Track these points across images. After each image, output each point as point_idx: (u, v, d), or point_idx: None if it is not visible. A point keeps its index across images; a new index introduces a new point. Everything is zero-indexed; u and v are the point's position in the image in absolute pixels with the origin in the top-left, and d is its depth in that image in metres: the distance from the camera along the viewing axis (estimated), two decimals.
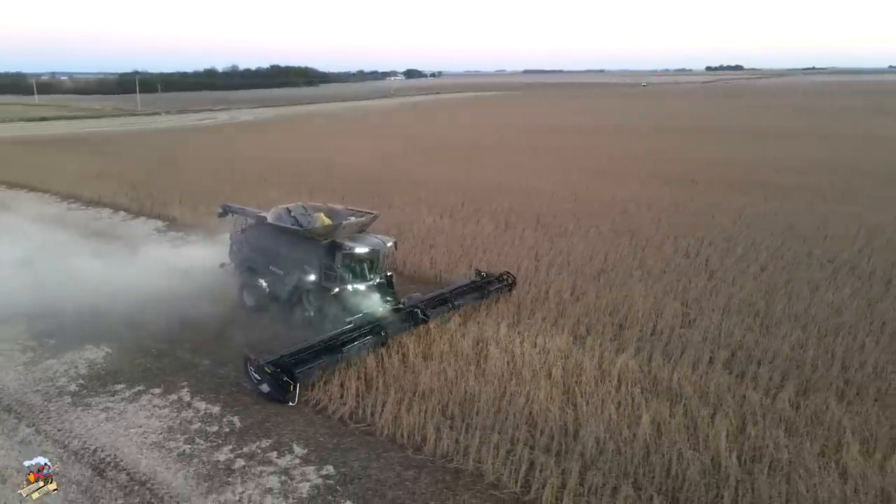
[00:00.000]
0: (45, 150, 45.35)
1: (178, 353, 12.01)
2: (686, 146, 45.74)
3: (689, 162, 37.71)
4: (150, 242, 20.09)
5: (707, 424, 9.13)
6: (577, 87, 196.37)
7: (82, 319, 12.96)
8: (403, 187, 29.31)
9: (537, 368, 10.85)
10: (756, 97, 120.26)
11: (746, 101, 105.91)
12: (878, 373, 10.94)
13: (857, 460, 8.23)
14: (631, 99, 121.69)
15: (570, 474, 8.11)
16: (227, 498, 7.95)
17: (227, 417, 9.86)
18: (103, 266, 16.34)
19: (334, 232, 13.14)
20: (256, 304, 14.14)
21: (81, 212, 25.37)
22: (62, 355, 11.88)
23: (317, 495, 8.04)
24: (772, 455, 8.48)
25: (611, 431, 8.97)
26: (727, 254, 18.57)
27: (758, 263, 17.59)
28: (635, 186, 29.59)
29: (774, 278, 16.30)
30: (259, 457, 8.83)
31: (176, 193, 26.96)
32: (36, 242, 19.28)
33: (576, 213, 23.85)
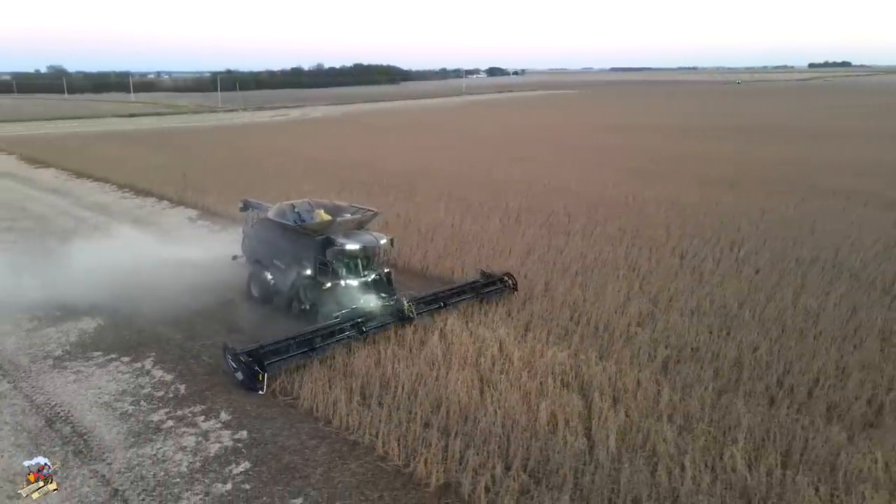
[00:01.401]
0: (121, 143, 49.14)
1: (159, 328, 13.20)
2: (744, 147, 44.10)
3: (739, 163, 36.46)
4: (175, 230, 21.74)
5: (605, 417, 9.34)
6: (662, 85, 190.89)
7: (86, 296, 14.40)
8: (432, 183, 30.06)
9: (467, 357, 11.31)
10: (855, 96, 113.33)
11: (841, 100, 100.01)
12: (815, 382, 10.70)
13: (736, 460, 8.25)
14: (715, 97, 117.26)
15: (450, 452, 8.59)
16: (145, 451, 8.94)
17: (175, 385, 10.93)
18: (123, 249, 17.97)
19: (328, 228, 13.57)
20: (261, 295, 14.74)
21: (129, 200, 27.65)
22: (61, 325, 13.36)
23: (221, 455, 8.91)
24: (653, 448, 8.63)
25: (507, 418, 9.35)
26: (726, 256, 18.20)
27: (754, 267, 17.19)
28: (666, 187, 29.08)
29: (764, 282, 15.92)
30: (187, 420, 9.81)
31: (218, 185, 28.88)
32: (75, 225, 21.36)
33: (590, 211, 23.82)
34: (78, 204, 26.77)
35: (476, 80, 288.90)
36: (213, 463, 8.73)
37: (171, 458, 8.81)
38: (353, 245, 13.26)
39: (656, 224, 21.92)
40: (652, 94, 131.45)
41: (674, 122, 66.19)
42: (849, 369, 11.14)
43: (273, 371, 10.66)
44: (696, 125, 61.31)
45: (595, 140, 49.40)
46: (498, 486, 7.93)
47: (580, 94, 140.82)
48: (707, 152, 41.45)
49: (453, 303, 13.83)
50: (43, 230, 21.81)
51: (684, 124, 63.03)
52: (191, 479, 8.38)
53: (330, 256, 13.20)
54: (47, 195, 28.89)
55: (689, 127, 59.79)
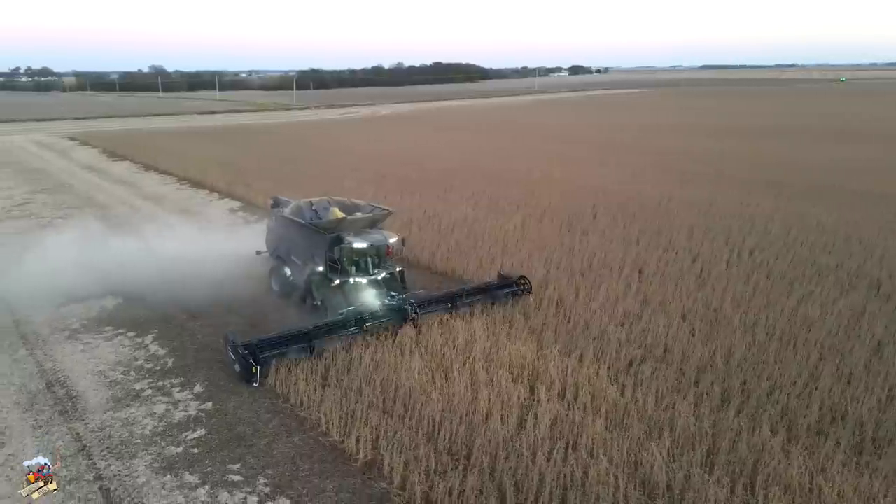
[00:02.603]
0: (192, 138, 52.29)
1: (169, 310, 14.32)
2: (807, 149, 42.10)
3: (791, 167, 35.02)
4: (215, 220, 23.23)
5: (542, 409, 9.59)
6: (755, 83, 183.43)
7: (113, 276, 15.79)
8: (469, 181, 30.51)
9: (434, 347, 11.77)
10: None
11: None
12: (774, 389, 10.51)
13: (656, 457, 8.35)
14: (811, 97, 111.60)
15: (384, 431, 9.12)
16: (119, 415, 9.97)
17: (164, 359, 11.98)
18: (162, 236, 19.48)
19: (339, 226, 13.89)
20: (280, 290, 15.24)
21: (183, 192, 29.64)
22: (86, 301, 14.74)
23: (183, 421, 9.80)
24: (575, 439, 8.84)
25: (448, 405, 9.77)
26: (742, 260, 17.76)
27: (766, 272, 16.71)
28: (705, 189, 28.36)
29: (771, 288, 15.49)
30: (165, 390, 10.79)
31: (265, 179, 30.47)
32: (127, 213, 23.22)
33: (618, 212, 23.63)
34: (138, 194, 28.96)
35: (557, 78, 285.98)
36: (173, 428, 9.63)
37: (139, 422, 9.78)
38: (360, 243, 13.47)
39: (680, 226, 21.53)
40: (739, 94, 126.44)
41: (741, 122, 63.61)
42: (821, 380, 10.83)
43: (267, 365, 10.90)
44: (764, 126, 58.71)
45: (651, 141, 48.36)
46: (416, 465, 8.39)
47: (656, 94, 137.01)
48: (760, 155, 39.91)
49: (463, 304, 13.66)
50: (99, 217, 23.81)
51: (752, 124, 60.48)
52: (150, 441, 9.30)
53: (338, 254, 13.48)
54: (114, 186, 31.39)
55: (756, 127, 57.37)
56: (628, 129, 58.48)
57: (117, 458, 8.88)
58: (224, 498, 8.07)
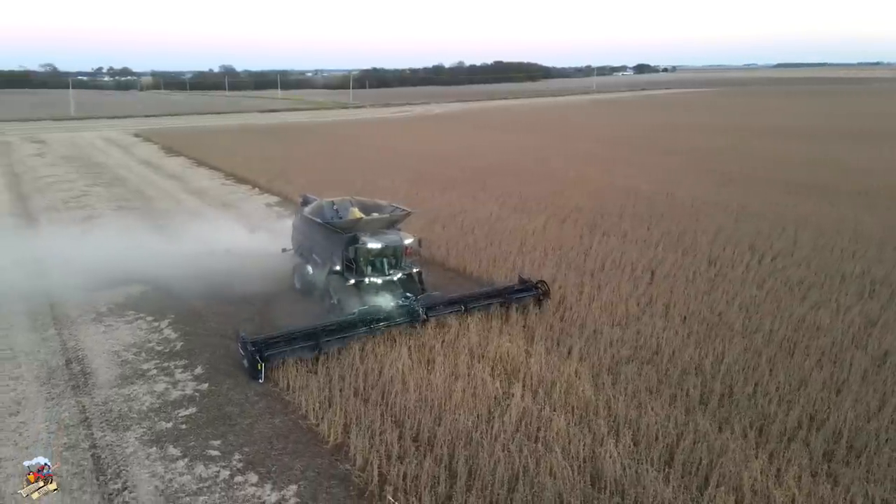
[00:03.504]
0: (246, 136, 54.32)
1: (188, 298, 15.18)
2: (865, 152, 40.22)
3: (844, 170, 33.66)
4: (250, 214, 24.28)
5: (512, 403, 9.84)
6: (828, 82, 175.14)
7: (141, 266, 16.84)
8: (503, 180, 30.70)
9: (424, 340, 12.16)
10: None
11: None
12: (759, 391, 10.41)
13: (612, 452, 8.48)
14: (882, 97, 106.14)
15: (356, 417, 9.59)
16: (123, 391, 10.79)
17: (175, 342, 12.81)
18: (195, 229, 20.58)
19: (355, 226, 14.09)
20: (302, 287, 15.45)
21: (226, 187, 31.02)
22: (115, 288, 15.75)
23: (178, 400, 10.53)
24: (537, 433, 9.05)
25: (422, 395, 10.16)
26: (762, 265, 17.37)
27: (783, 277, 16.32)
28: (741, 192, 27.64)
29: (785, 293, 15.15)
30: (168, 370, 11.59)
31: (305, 175, 31.54)
32: (170, 207, 24.58)
33: (644, 214, 23.40)
34: (184, 189, 30.51)
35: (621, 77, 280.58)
36: (168, 406, 10.36)
37: (138, 399, 10.57)
38: (375, 244, 13.60)
39: (706, 229, 21.15)
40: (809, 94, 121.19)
41: (810, 124, 61.10)
42: (809, 386, 10.65)
43: (273, 363, 11.15)
44: (827, 127, 56.25)
45: (698, 142, 47.21)
46: (380, 449, 8.80)
47: (719, 93, 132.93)
48: (809, 158, 38.40)
49: (477, 307, 13.41)
50: (144, 209, 25.28)
51: (815, 125, 58.06)
52: (145, 416, 10.06)
53: (352, 254, 13.63)
54: (164, 180, 33.12)
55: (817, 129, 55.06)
56: (677, 129, 57.16)
57: (113, 430, 9.66)
58: (199, 470, 8.70)
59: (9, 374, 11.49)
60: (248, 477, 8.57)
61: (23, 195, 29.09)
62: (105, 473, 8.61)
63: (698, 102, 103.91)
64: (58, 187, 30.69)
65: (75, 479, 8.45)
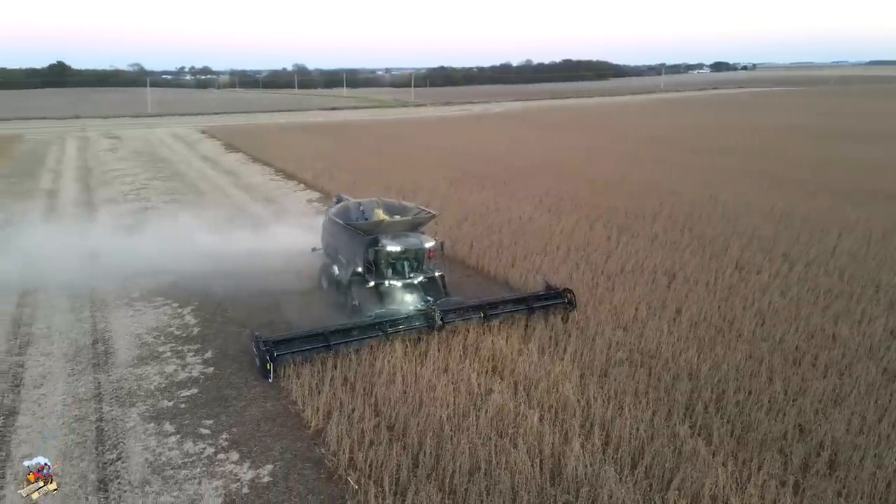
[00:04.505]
0: (303, 133, 56.03)
1: (213, 286, 15.99)
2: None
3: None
4: (290, 208, 25.25)
5: (491, 399, 10.04)
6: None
7: (178, 256, 17.86)
8: (544, 180, 30.64)
9: (421, 335, 12.49)
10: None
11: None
12: (749, 399, 10.22)
13: (577, 451, 8.58)
14: None
15: (338, 404, 10.03)
16: (136, 371, 11.61)
17: (192, 328, 13.62)
18: (236, 222, 21.65)
19: (376, 228, 14.05)
20: (328, 287, 15.41)
21: (274, 182, 32.25)
22: (151, 277, 16.84)
23: (184, 381, 11.24)
24: (507, 429, 9.23)
25: (405, 388, 10.50)
26: (791, 273, 16.80)
27: (812, 286, 15.74)
28: (792, 196, 26.61)
29: (809, 303, 14.62)
30: (180, 353, 12.37)
31: (350, 172, 32.44)
32: (218, 199, 25.86)
33: (683, 216, 22.95)
34: (235, 184, 31.94)
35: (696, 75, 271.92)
36: (173, 386, 11.10)
37: (148, 378, 11.36)
38: (394, 246, 13.49)
39: (741, 233, 20.57)
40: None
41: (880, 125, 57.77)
42: (806, 397, 10.36)
43: (282, 362, 11.26)
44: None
45: (756, 144, 45.50)
46: (354, 436, 9.20)
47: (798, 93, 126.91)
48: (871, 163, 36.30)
49: (498, 314, 13.18)
50: (195, 203, 26.68)
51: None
52: (150, 394, 10.82)
53: (371, 256, 13.57)
54: (219, 175, 34.76)
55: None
56: (739, 131, 55.13)
57: (120, 405, 10.46)
58: (188, 447, 9.34)
59: (42, 350, 12.56)
60: (230, 455, 9.13)
61: (89, 187, 31.19)
62: (104, 444, 9.36)
63: (772, 102, 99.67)
64: (121, 181, 32.72)
65: (77, 448, 9.24)
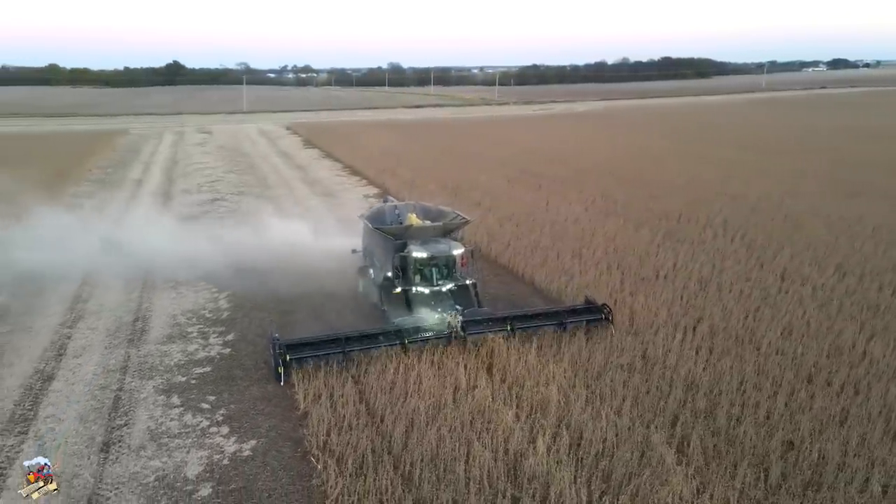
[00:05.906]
0: (380, 130, 57.57)
1: (249, 275, 16.91)
2: None
3: None
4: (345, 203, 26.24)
5: (475, 394, 10.25)
6: None
7: (224, 246, 19.03)
8: (601, 181, 30.19)
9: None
10: None
11: None
12: (743, 413, 9.88)
13: (541, 450, 8.67)
14: None
15: (328, 391, 10.56)
16: (162, 348, 12.68)
17: (221, 312, 14.62)
18: (285, 212, 22.79)
19: (405, 233, 13.97)
20: (364, 290, 15.37)
21: (339, 178, 33.53)
22: (197, 263, 17.96)
23: (201, 360, 12.14)
24: (477, 424, 9.42)
25: (396, 379, 10.91)
26: (839, 285, 15.84)
27: (854, 300, 14.79)
28: (870, 205, 24.80)
29: (839, 318, 13.76)
30: (205, 334, 13.34)
31: (411, 170, 33.20)
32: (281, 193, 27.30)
33: (738, 222, 22.00)
34: (302, 178, 33.50)
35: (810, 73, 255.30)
36: (190, 363, 12.05)
37: (171, 355, 12.39)
38: (420, 252, 12.97)
39: (796, 241, 19.49)
40: None
41: None
42: (805, 415, 9.89)
43: (294, 367, 11.11)
44: None
45: (847, 149, 42.43)
46: (334, 419, 9.71)
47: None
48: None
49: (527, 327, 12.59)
50: (260, 195, 28.24)
51: None
52: (169, 369, 11.81)
53: (399, 262, 13.17)
54: (289, 170, 36.51)
55: None
56: (833, 133, 51.50)
57: (140, 378, 11.49)
58: (188, 418, 10.17)
59: (89, 325, 13.93)
60: (221, 429, 9.87)
61: (171, 178, 33.66)
62: (117, 411, 10.36)
63: (882, 102, 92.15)
64: (201, 173, 35.06)
65: (93, 413, 10.29)
